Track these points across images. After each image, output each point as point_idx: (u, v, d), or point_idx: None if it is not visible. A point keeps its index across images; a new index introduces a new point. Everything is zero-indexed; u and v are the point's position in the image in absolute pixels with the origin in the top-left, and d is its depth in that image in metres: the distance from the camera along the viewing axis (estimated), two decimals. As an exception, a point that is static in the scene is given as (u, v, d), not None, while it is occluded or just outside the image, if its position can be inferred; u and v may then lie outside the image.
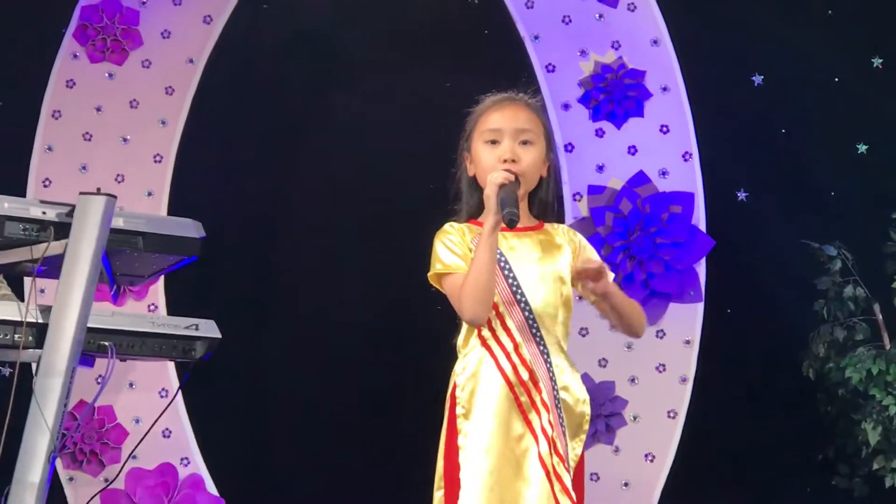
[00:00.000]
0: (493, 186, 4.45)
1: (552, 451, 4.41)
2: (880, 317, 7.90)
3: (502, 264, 4.52)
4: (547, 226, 4.69)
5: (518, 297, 4.51)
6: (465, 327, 4.56)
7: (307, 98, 8.27)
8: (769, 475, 8.16)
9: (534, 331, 4.50)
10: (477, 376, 4.48)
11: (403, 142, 7.99)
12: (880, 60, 8.39)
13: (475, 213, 4.65)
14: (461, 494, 4.39)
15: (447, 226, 4.64)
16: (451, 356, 4.57)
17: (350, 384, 8.05)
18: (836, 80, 8.39)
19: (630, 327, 4.72)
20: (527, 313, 4.51)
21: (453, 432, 4.46)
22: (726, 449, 8.07)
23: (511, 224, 4.38)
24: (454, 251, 4.56)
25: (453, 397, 4.48)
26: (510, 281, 4.52)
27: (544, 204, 4.69)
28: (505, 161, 4.55)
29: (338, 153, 8.22)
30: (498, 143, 4.58)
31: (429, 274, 4.62)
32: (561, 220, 4.84)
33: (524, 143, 4.60)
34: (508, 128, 4.59)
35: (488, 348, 4.50)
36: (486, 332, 4.51)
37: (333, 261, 8.17)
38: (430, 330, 5.06)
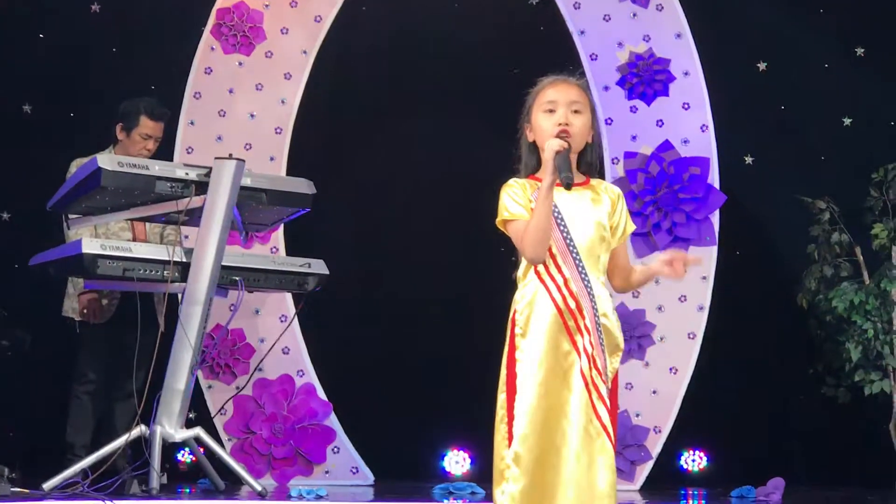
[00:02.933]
0: (550, 151, 4.42)
1: (591, 365, 4.39)
2: (861, 258, 7.91)
3: (556, 214, 4.48)
4: (593, 181, 4.64)
5: (568, 241, 4.47)
6: (523, 263, 4.53)
7: (397, 82, 8.25)
8: (769, 385, 8.12)
9: (580, 269, 4.46)
10: (533, 304, 4.45)
11: (476, 116, 7.96)
12: (862, 50, 8.40)
13: (534, 171, 4.61)
14: (517, 397, 4.38)
15: (512, 181, 4.61)
16: (512, 287, 4.53)
17: (431, 307, 8.08)
18: (826, 65, 8.38)
19: (625, 290, 4.73)
20: (574, 253, 4.47)
21: (513, 348, 4.44)
22: (735, 364, 8.06)
23: (567, 187, 4.36)
24: (518, 202, 4.53)
25: (513, 320, 4.46)
26: (562, 227, 4.48)
27: (590, 164, 4.64)
28: (560, 125, 4.51)
29: (423, 125, 8.22)
30: (553, 112, 4.54)
31: (496, 220, 4.58)
32: (602, 178, 4.77)
33: (575, 112, 4.56)
34: (563, 99, 4.55)
35: (542, 281, 4.47)
36: (541, 268, 4.48)
37: (420, 210, 8.17)
38: (495, 265, 5.01)
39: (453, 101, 8.22)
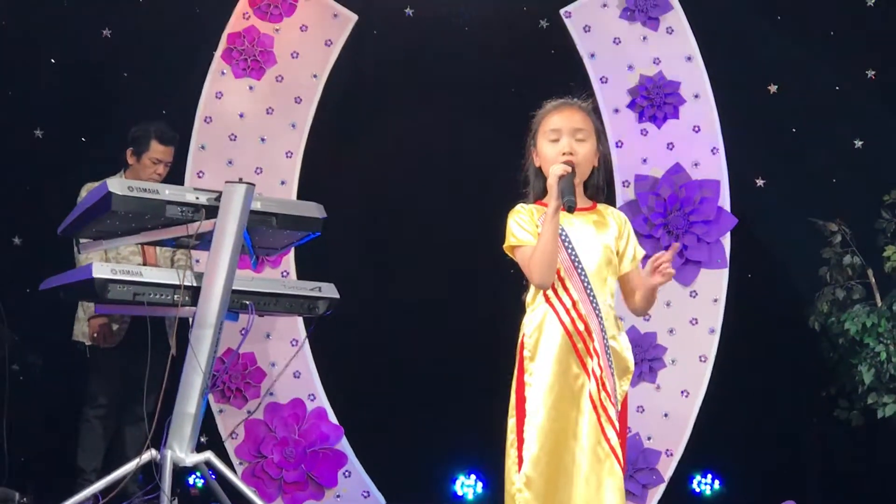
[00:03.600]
0: (554, 177, 4.45)
1: (600, 388, 4.41)
2: (873, 280, 7.87)
3: (563, 238, 4.50)
4: (600, 206, 4.67)
5: (576, 263, 4.49)
6: (532, 287, 4.53)
7: (406, 105, 8.26)
8: (782, 408, 8.10)
9: (588, 291, 4.49)
10: (541, 327, 4.47)
11: (488, 139, 7.96)
12: (873, 72, 8.37)
13: (540, 196, 4.65)
14: (527, 421, 4.39)
15: (519, 206, 4.64)
16: (521, 310, 4.53)
17: (440, 333, 8.05)
18: (837, 88, 8.36)
19: (643, 309, 4.69)
20: (583, 277, 4.50)
21: (522, 371, 4.46)
22: (747, 387, 8.04)
23: (570, 210, 4.39)
24: (525, 228, 4.56)
25: (522, 344, 4.49)
26: (570, 251, 4.51)
27: (596, 187, 4.68)
28: (564, 154, 4.53)
29: (431, 149, 8.23)
30: (558, 140, 4.56)
31: (504, 245, 4.60)
32: (612, 202, 4.81)
33: (579, 140, 4.57)
34: (566, 127, 4.58)
35: (551, 305, 4.49)
36: (549, 291, 4.51)
37: (432, 234, 8.16)
38: (507, 288, 5.01)
39: (465, 125, 8.22)
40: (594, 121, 4.66)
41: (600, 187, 4.69)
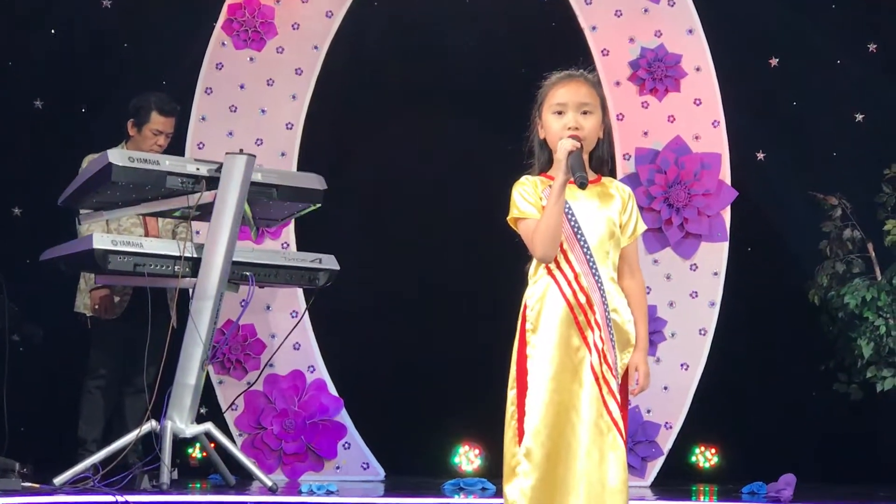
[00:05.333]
0: (563, 151, 4.42)
1: (601, 361, 4.40)
2: (873, 254, 7.88)
3: (567, 210, 4.48)
4: (604, 179, 4.65)
5: (578, 236, 4.47)
6: (536, 259, 4.52)
7: (408, 77, 8.24)
8: (781, 381, 8.11)
9: (591, 263, 4.47)
10: (543, 299, 4.46)
11: (488, 111, 7.94)
12: (874, 45, 8.38)
13: (545, 167, 4.62)
14: (528, 393, 4.39)
15: (523, 178, 4.61)
16: (521, 281, 4.52)
17: (442, 302, 8.07)
18: (838, 61, 8.36)
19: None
20: (585, 249, 4.48)
21: (523, 343, 4.45)
22: (746, 360, 8.05)
23: (582, 186, 4.37)
24: (528, 200, 4.53)
25: (524, 315, 4.47)
26: (573, 223, 4.48)
27: (601, 160, 4.65)
28: (570, 128, 4.51)
29: (433, 120, 8.21)
30: (564, 114, 4.54)
31: (507, 217, 4.58)
32: (614, 175, 4.77)
33: (584, 113, 4.55)
34: (572, 101, 4.55)
35: (553, 277, 4.48)
36: (551, 264, 4.49)
37: (431, 204, 8.16)
38: (506, 259, 4.99)
39: (464, 97, 8.20)
40: (599, 93, 4.64)
41: (605, 160, 4.66)
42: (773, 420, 8.09)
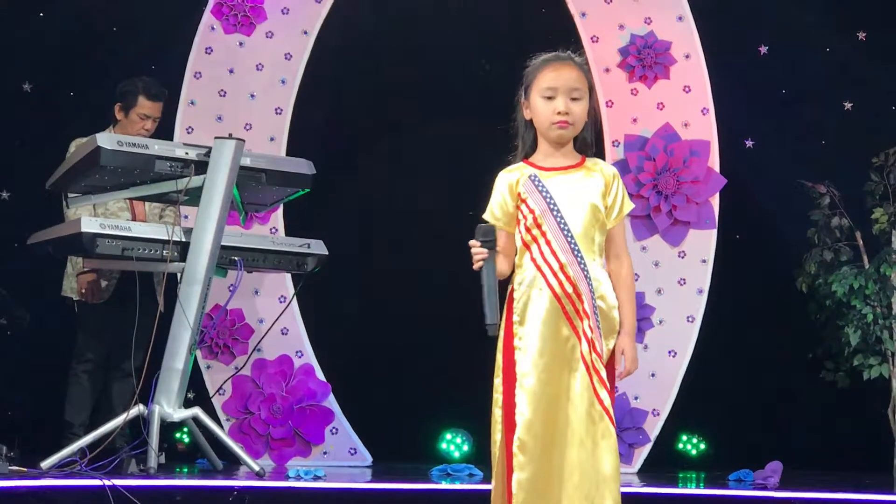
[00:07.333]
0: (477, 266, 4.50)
1: (591, 349, 4.39)
2: (861, 242, 7.88)
3: (549, 199, 4.47)
4: (588, 161, 4.62)
5: (562, 226, 4.45)
6: (520, 249, 4.50)
7: (398, 62, 8.23)
8: (768, 369, 8.11)
9: (576, 253, 4.46)
10: (529, 290, 4.45)
11: (478, 96, 7.93)
12: (864, 34, 8.35)
13: (530, 149, 4.59)
14: (518, 384, 4.38)
15: (504, 172, 4.60)
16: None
17: (430, 287, 8.05)
18: (828, 49, 8.36)
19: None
20: (569, 239, 4.47)
21: (510, 334, 4.45)
22: (734, 347, 8.05)
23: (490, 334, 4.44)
24: (502, 207, 4.56)
25: (510, 303, 4.46)
26: (555, 213, 4.47)
27: (585, 142, 4.62)
28: (559, 113, 4.49)
29: (423, 105, 8.21)
30: (553, 99, 4.51)
31: (484, 215, 4.59)
32: (602, 157, 4.75)
33: (574, 98, 4.52)
34: (562, 86, 4.53)
35: (538, 267, 4.47)
36: (536, 255, 4.48)
37: (420, 190, 8.15)
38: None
39: (454, 82, 8.20)
40: (588, 76, 4.62)
41: (589, 143, 4.64)
42: (760, 407, 8.09)
